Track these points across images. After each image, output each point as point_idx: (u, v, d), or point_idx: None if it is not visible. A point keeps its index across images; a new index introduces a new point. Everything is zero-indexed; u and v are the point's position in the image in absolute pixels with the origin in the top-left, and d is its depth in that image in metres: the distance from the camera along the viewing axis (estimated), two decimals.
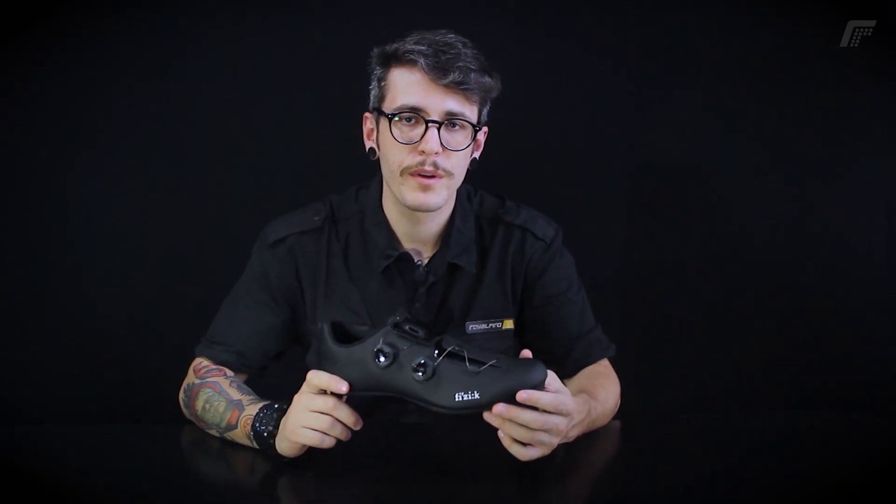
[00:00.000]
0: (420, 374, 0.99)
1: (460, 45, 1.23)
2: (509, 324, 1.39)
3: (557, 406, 1.00)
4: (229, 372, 1.30)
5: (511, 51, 1.87)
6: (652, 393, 1.78)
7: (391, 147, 1.25)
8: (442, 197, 1.26)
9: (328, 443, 1.06)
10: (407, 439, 1.07)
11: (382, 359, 1.01)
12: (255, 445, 1.14)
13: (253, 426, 1.13)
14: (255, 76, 1.86)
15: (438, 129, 1.22)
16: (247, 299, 1.35)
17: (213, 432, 1.22)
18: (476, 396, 0.97)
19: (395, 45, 1.24)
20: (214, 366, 1.31)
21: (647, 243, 1.99)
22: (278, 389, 1.31)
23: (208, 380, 1.27)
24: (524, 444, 1.01)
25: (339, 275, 1.35)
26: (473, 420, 1.00)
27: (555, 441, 1.02)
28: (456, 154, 1.25)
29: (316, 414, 1.05)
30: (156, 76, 1.84)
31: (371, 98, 1.30)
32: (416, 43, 1.22)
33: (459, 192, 1.36)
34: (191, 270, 1.87)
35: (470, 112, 1.24)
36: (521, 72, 1.88)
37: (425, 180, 1.23)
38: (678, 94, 1.94)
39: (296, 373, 1.45)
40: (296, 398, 1.09)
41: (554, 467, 1.08)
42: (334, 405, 1.05)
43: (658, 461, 1.16)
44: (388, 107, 1.25)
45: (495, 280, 1.38)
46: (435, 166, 1.23)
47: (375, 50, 1.27)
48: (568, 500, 1.08)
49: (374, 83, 1.29)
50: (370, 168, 1.38)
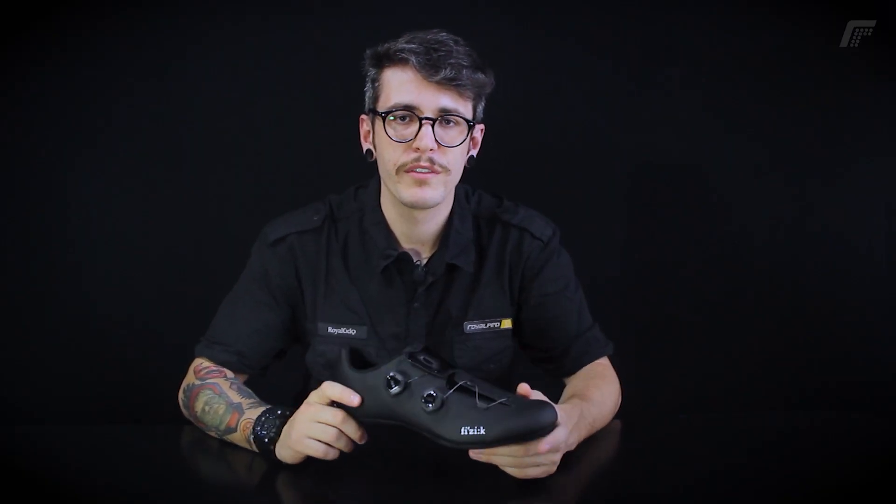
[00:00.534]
0: (429, 405, 1.00)
1: (451, 43, 1.23)
2: (507, 323, 1.39)
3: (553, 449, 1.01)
4: (229, 373, 1.30)
5: (511, 51, 1.87)
6: (652, 393, 1.78)
7: (386, 146, 1.25)
8: (439, 193, 1.26)
9: (332, 455, 1.06)
10: (407, 439, 1.07)
11: (394, 386, 1.02)
12: (255, 449, 1.14)
13: (254, 430, 1.13)
14: (255, 76, 1.86)
15: (433, 126, 1.22)
16: (246, 298, 1.35)
17: (213, 433, 1.22)
18: (482, 432, 0.98)
19: (387, 46, 1.25)
20: (215, 367, 1.30)
21: (647, 243, 1.99)
22: (278, 389, 1.31)
23: (208, 381, 1.26)
24: None
25: (339, 274, 1.35)
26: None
27: (551, 462, 1.03)
28: (451, 150, 1.25)
29: (322, 425, 1.06)
30: (156, 76, 1.84)
31: (366, 100, 1.31)
32: (408, 42, 1.23)
33: (457, 192, 1.36)
34: (191, 270, 1.87)
35: (464, 108, 1.25)
36: (521, 72, 1.88)
37: (421, 175, 1.23)
38: (678, 94, 1.94)
39: (296, 372, 1.46)
40: (303, 407, 1.09)
41: (548, 476, 1.08)
42: (343, 419, 1.06)
43: (658, 461, 1.16)
44: (382, 106, 1.25)
45: (493, 280, 1.38)
46: (431, 162, 1.23)
47: (368, 51, 1.28)
48: (568, 500, 1.08)
49: (368, 84, 1.29)
50: (370, 168, 1.38)
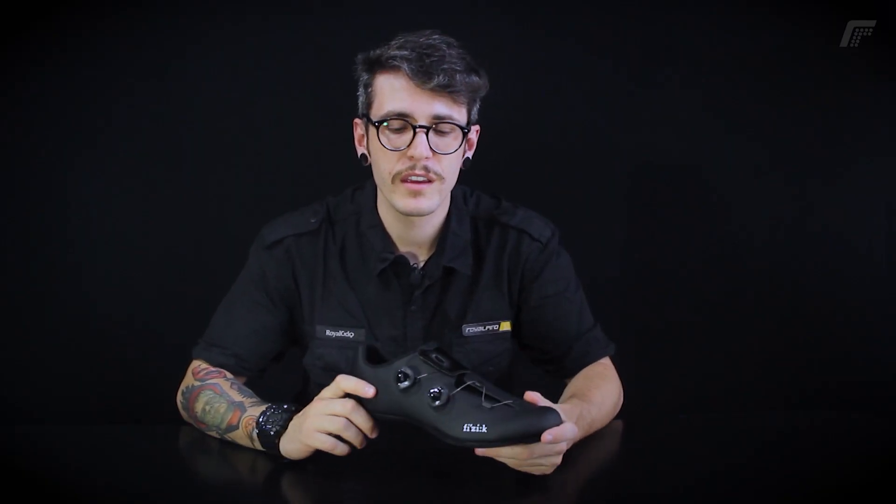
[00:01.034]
0: (435, 402, 1.01)
1: (444, 47, 1.21)
2: (506, 326, 1.38)
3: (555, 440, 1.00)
4: (228, 374, 1.30)
5: (511, 51, 1.87)
6: (652, 393, 1.78)
7: (381, 154, 1.24)
8: (434, 201, 1.25)
9: (340, 449, 1.06)
10: (408, 439, 1.08)
11: (403, 381, 1.03)
12: (257, 445, 1.14)
13: (258, 424, 1.13)
14: (255, 76, 1.86)
15: (427, 134, 1.21)
16: (244, 300, 1.35)
17: (213, 433, 1.21)
18: (484, 430, 0.98)
19: (379, 52, 1.23)
20: (213, 368, 1.30)
21: (647, 243, 1.99)
22: (276, 392, 1.31)
23: (208, 382, 1.26)
24: None
25: (336, 277, 1.34)
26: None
27: (552, 464, 1.03)
28: (446, 157, 1.24)
29: (332, 417, 1.06)
30: (156, 76, 1.84)
31: (359, 104, 1.29)
32: (399, 48, 1.21)
33: (455, 194, 1.35)
34: (191, 270, 1.87)
35: (458, 114, 1.23)
36: (521, 72, 1.88)
37: (416, 186, 1.23)
38: (678, 94, 1.94)
39: (294, 374, 1.46)
40: (315, 401, 1.09)
41: (553, 470, 1.08)
42: (353, 408, 1.05)
43: (658, 461, 1.16)
44: (376, 114, 1.24)
45: (492, 282, 1.37)
46: (426, 170, 1.22)
47: (360, 56, 1.26)
48: (568, 500, 1.08)
49: (361, 89, 1.27)
50: (368, 169, 1.38)
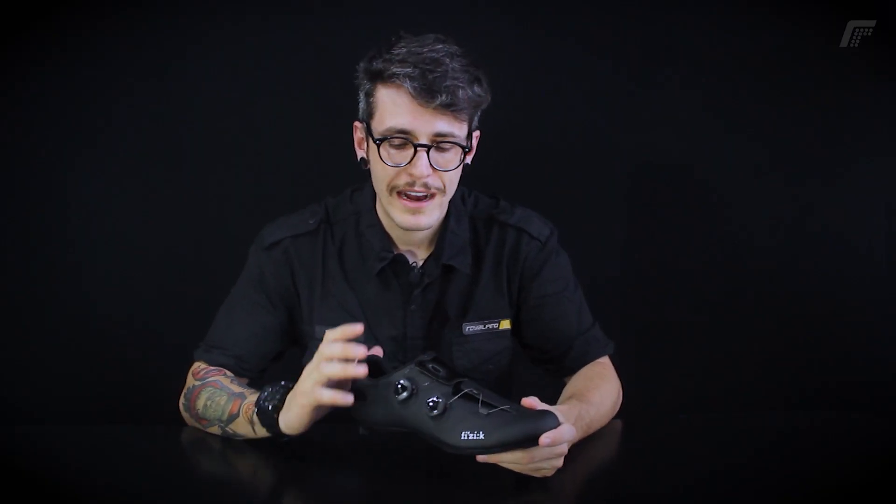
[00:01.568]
0: (432, 411, 1.01)
1: (447, 60, 1.18)
2: (506, 324, 1.38)
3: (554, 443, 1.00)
4: (228, 372, 1.30)
5: (511, 51, 1.87)
6: (652, 393, 1.78)
7: (380, 168, 1.24)
8: (434, 217, 1.26)
9: (340, 398, 1.05)
10: (407, 439, 1.07)
11: (402, 393, 1.03)
12: (256, 430, 1.13)
13: (257, 403, 1.12)
14: (255, 76, 1.86)
15: (427, 152, 1.21)
16: (243, 302, 1.35)
17: (216, 429, 1.21)
18: (481, 437, 0.99)
19: (381, 65, 1.20)
20: (213, 367, 1.31)
21: (647, 243, 1.99)
22: None
23: (209, 379, 1.27)
24: None
25: (336, 277, 1.35)
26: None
27: (552, 467, 1.03)
28: (447, 173, 1.24)
29: (326, 363, 1.05)
30: (156, 76, 1.84)
31: (360, 109, 1.28)
32: (402, 61, 1.18)
33: (453, 194, 1.35)
34: (191, 271, 1.87)
35: (459, 130, 1.22)
36: (521, 72, 1.88)
37: (415, 203, 1.23)
38: (678, 94, 1.94)
39: (294, 375, 1.46)
40: (306, 367, 1.09)
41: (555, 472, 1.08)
42: (342, 347, 1.05)
43: (658, 461, 1.16)
44: (377, 128, 1.22)
45: (491, 281, 1.37)
46: (426, 187, 1.22)
47: (361, 64, 1.24)
48: (568, 500, 1.08)
49: (363, 96, 1.26)
50: (368, 171, 1.38)
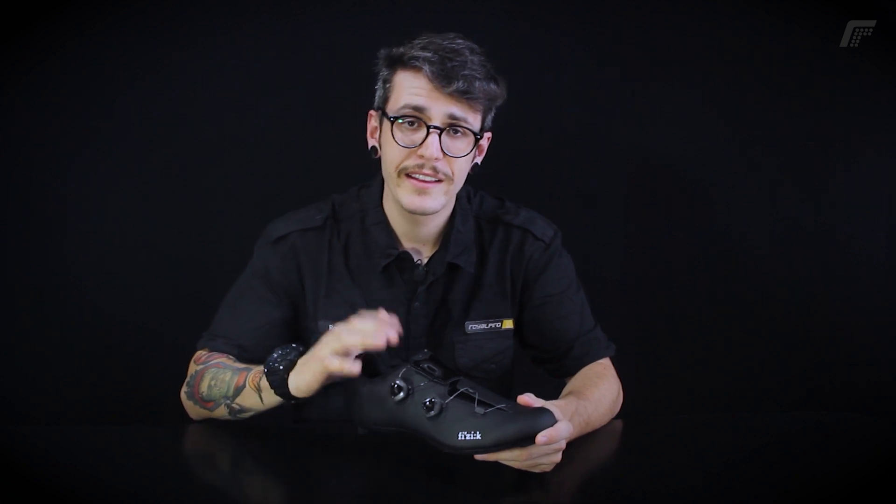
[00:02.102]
0: (429, 411, 1.01)
1: (467, 52, 1.22)
2: (509, 324, 1.39)
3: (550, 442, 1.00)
4: (232, 356, 1.31)
5: (511, 51, 1.87)
6: (652, 393, 1.78)
7: (391, 148, 1.25)
8: (439, 201, 1.26)
9: (348, 368, 1.07)
10: (406, 438, 1.08)
11: (398, 393, 1.04)
12: (264, 397, 1.15)
13: (266, 363, 1.13)
14: (256, 75, 1.86)
15: (440, 135, 1.22)
16: (249, 295, 1.36)
17: (222, 410, 1.22)
18: (478, 437, 0.99)
19: (402, 50, 1.24)
20: (216, 352, 1.31)
21: (647, 243, 1.99)
22: None
23: (211, 362, 1.28)
24: None
25: (341, 273, 1.35)
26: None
27: (552, 462, 1.03)
28: (457, 160, 1.25)
29: (349, 332, 1.07)
30: (156, 76, 1.83)
31: (376, 98, 1.31)
32: (423, 48, 1.22)
33: (459, 193, 1.36)
34: (191, 270, 1.87)
35: (473, 119, 1.25)
36: (521, 72, 1.87)
37: (422, 184, 1.24)
38: (678, 94, 1.94)
39: None
40: (326, 335, 1.10)
41: (553, 466, 1.08)
42: (375, 323, 1.07)
43: (658, 461, 1.16)
44: (392, 108, 1.25)
45: (495, 280, 1.38)
46: (434, 170, 1.23)
47: (383, 51, 1.28)
48: (568, 500, 1.08)
49: (380, 84, 1.29)
50: (371, 169, 1.39)
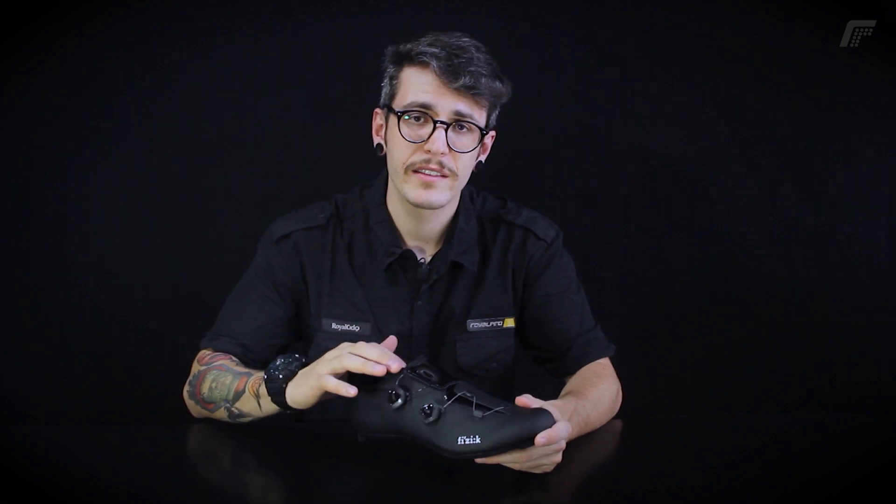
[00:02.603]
0: (427, 417, 1.01)
1: (473, 50, 1.24)
2: (510, 322, 1.39)
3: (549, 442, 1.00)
4: (234, 357, 1.31)
5: (511, 51, 1.86)
6: (652, 393, 1.78)
7: (398, 144, 1.26)
8: (444, 196, 1.27)
9: (344, 389, 1.06)
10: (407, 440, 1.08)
11: (396, 401, 1.04)
12: (262, 404, 1.15)
13: (267, 371, 1.14)
14: (256, 75, 1.85)
15: (446, 130, 1.23)
16: (252, 294, 1.36)
17: (222, 413, 1.22)
18: (477, 441, 0.99)
19: (409, 46, 1.25)
20: (219, 353, 1.32)
21: (647, 243, 1.99)
22: None
23: (213, 364, 1.28)
24: None
25: (344, 271, 1.36)
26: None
27: (552, 462, 1.03)
28: (462, 156, 1.26)
29: (350, 356, 1.06)
30: (156, 76, 1.83)
31: (382, 95, 1.31)
32: (430, 45, 1.23)
33: (462, 193, 1.37)
34: (192, 271, 1.87)
35: (479, 115, 1.26)
36: (521, 72, 1.87)
37: (428, 178, 1.24)
38: (678, 94, 1.94)
39: None
40: (329, 352, 1.10)
41: (554, 467, 1.08)
42: (380, 352, 1.06)
43: (658, 461, 1.16)
44: (399, 104, 1.26)
45: (497, 279, 1.39)
46: (440, 166, 1.24)
47: (389, 48, 1.28)
48: (568, 500, 1.08)
49: (386, 81, 1.30)
50: (373, 169, 1.39)
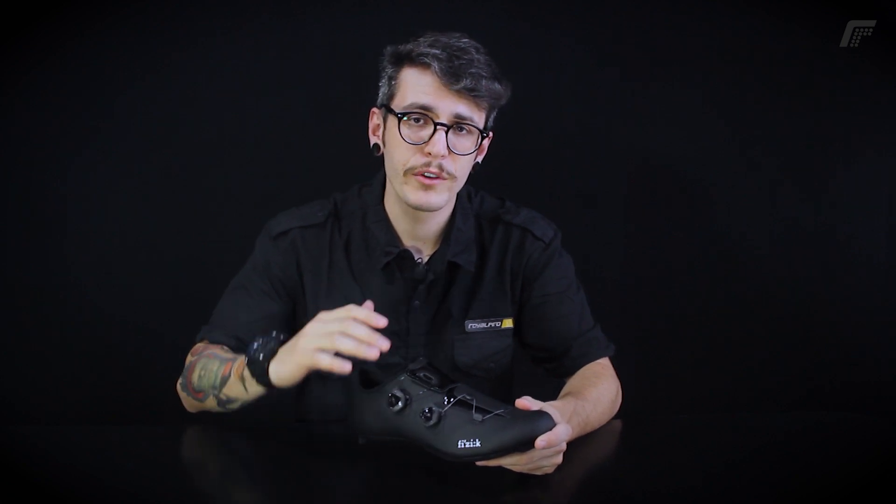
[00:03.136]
0: (427, 421, 1.01)
1: (473, 51, 1.23)
2: (508, 323, 1.39)
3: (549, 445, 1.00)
4: (226, 347, 1.31)
5: (511, 51, 1.86)
6: (652, 393, 1.78)
7: (397, 146, 1.25)
8: (443, 198, 1.27)
9: (339, 366, 1.05)
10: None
11: (396, 404, 1.03)
12: (248, 387, 1.14)
13: (247, 352, 1.13)
14: (256, 76, 1.86)
15: (446, 133, 1.23)
16: (248, 288, 1.36)
17: (212, 402, 1.22)
18: (477, 444, 0.99)
19: (409, 46, 1.24)
20: (213, 344, 1.32)
21: (647, 243, 1.99)
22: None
23: (204, 353, 1.28)
24: None
25: (341, 270, 1.36)
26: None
27: (553, 463, 1.03)
28: (461, 158, 1.25)
29: (328, 333, 1.04)
30: (156, 76, 1.83)
31: (380, 95, 1.31)
32: (430, 45, 1.22)
33: (460, 192, 1.37)
34: (191, 271, 1.87)
35: (478, 117, 1.25)
36: (520, 71, 1.87)
37: (427, 180, 1.24)
38: (678, 94, 1.94)
39: None
40: (311, 323, 1.08)
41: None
42: (367, 332, 1.04)
43: (658, 461, 1.16)
44: (398, 105, 1.25)
45: (495, 279, 1.38)
46: (440, 168, 1.24)
47: (388, 48, 1.28)
48: (568, 500, 1.08)
49: (385, 81, 1.29)
50: (371, 168, 1.39)
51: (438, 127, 1.22)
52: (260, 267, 1.36)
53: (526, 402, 1.04)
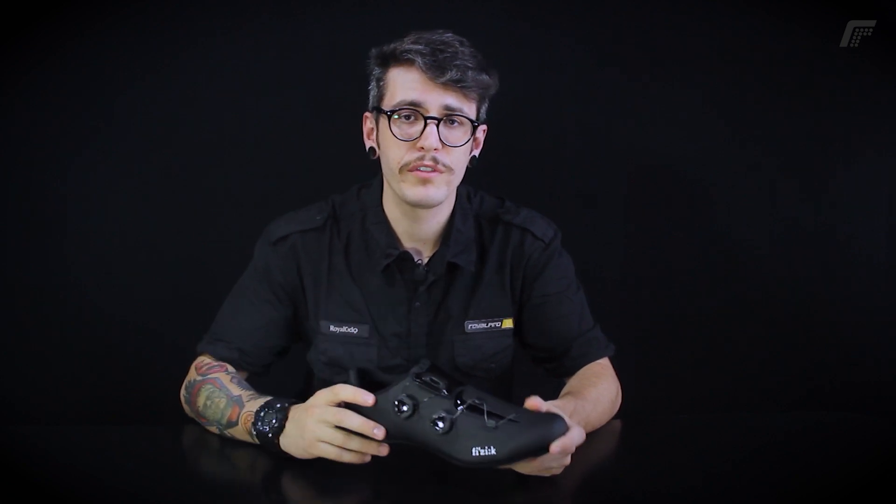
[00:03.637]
0: (439, 428, 1.00)
1: (457, 44, 1.24)
2: (508, 323, 1.39)
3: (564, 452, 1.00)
4: (230, 367, 1.31)
5: (510, 50, 1.87)
6: (652, 393, 1.78)
7: (390, 144, 1.26)
8: (442, 192, 1.27)
9: (347, 457, 1.06)
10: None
11: (404, 409, 1.02)
12: (258, 442, 1.14)
13: (254, 426, 1.13)
14: (256, 76, 1.86)
15: (437, 126, 1.23)
16: (249, 296, 1.36)
17: (214, 429, 1.22)
18: (493, 452, 0.98)
19: (393, 46, 1.25)
20: (216, 362, 1.31)
21: (647, 243, 1.99)
22: (281, 387, 1.31)
23: (209, 376, 1.27)
24: None
25: (341, 273, 1.35)
26: None
27: (561, 465, 1.04)
28: (455, 150, 1.25)
29: (331, 430, 1.05)
30: (156, 76, 1.83)
31: (370, 98, 1.31)
32: (414, 42, 1.23)
33: (459, 193, 1.37)
34: (192, 271, 1.87)
35: (468, 108, 1.25)
36: (520, 71, 1.88)
37: (424, 174, 1.24)
38: (678, 94, 1.94)
39: (295, 373, 1.46)
40: (314, 409, 1.07)
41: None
42: (362, 422, 1.04)
43: (658, 461, 1.16)
44: (387, 105, 1.26)
45: (494, 279, 1.38)
46: (434, 161, 1.24)
47: (373, 51, 1.29)
48: (569, 499, 1.08)
49: (373, 83, 1.30)
50: (370, 169, 1.39)
51: (429, 121, 1.23)
52: (260, 272, 1.36)
53: (536, 403, 1.03)
